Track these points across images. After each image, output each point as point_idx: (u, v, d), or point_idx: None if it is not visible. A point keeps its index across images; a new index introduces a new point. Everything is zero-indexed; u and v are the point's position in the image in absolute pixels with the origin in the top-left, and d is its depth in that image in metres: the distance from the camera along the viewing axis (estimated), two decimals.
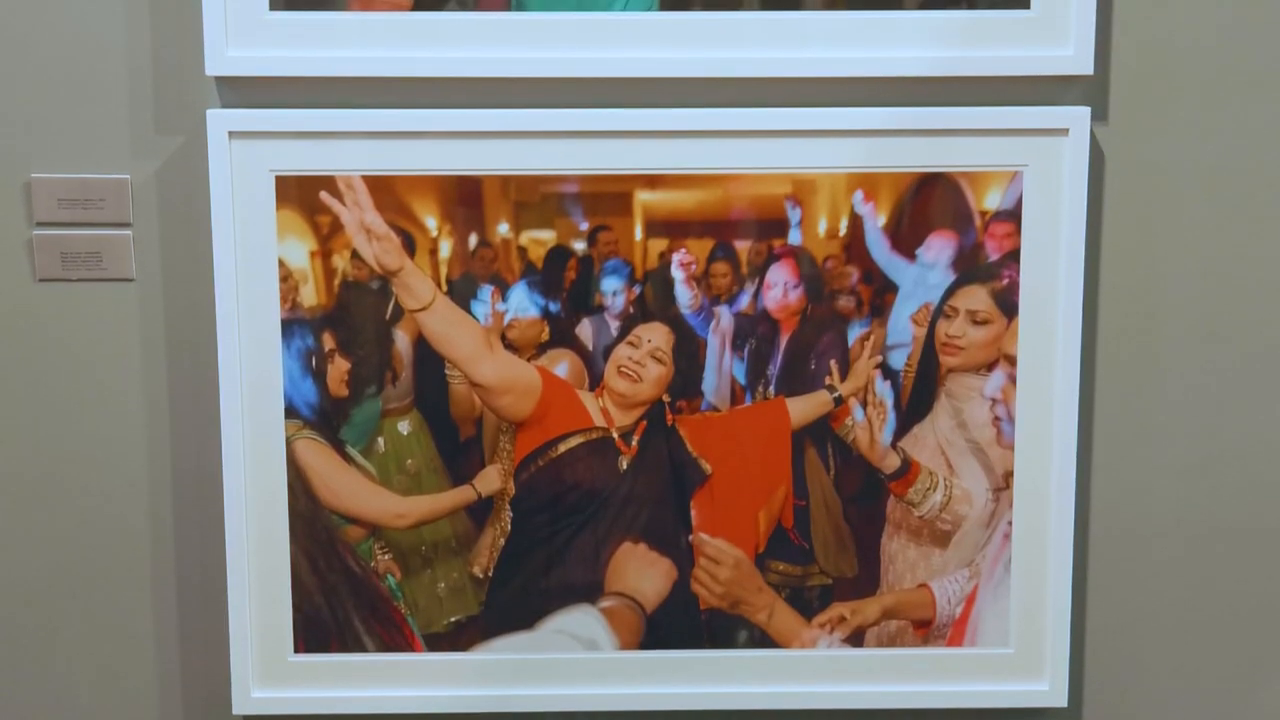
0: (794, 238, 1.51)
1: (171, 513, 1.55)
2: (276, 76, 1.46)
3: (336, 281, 1.50)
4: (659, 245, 1.51)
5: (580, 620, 1.53)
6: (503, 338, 1.51)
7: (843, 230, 1.51)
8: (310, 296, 1.50)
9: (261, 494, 1.51)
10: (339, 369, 1.51)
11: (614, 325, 1.52)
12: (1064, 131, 1.48)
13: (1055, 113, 1.48)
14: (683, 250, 1.51)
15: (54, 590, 1.55)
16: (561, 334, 1.52)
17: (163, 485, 1.54)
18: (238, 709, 1.54)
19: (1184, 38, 1.49)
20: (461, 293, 1.50)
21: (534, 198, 1.50)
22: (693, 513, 1.54)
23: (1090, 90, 1.49)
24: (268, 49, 1.45)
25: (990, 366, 1.52)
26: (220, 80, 1.47)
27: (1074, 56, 1.47)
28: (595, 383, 1.52)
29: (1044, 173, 1.49)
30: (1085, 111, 1.47)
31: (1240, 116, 1.50)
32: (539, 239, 1.51)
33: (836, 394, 1.52)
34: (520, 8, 1.46)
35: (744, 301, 1.52)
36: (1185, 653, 1.60)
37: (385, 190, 1.48)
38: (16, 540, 1.55)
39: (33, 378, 1.52)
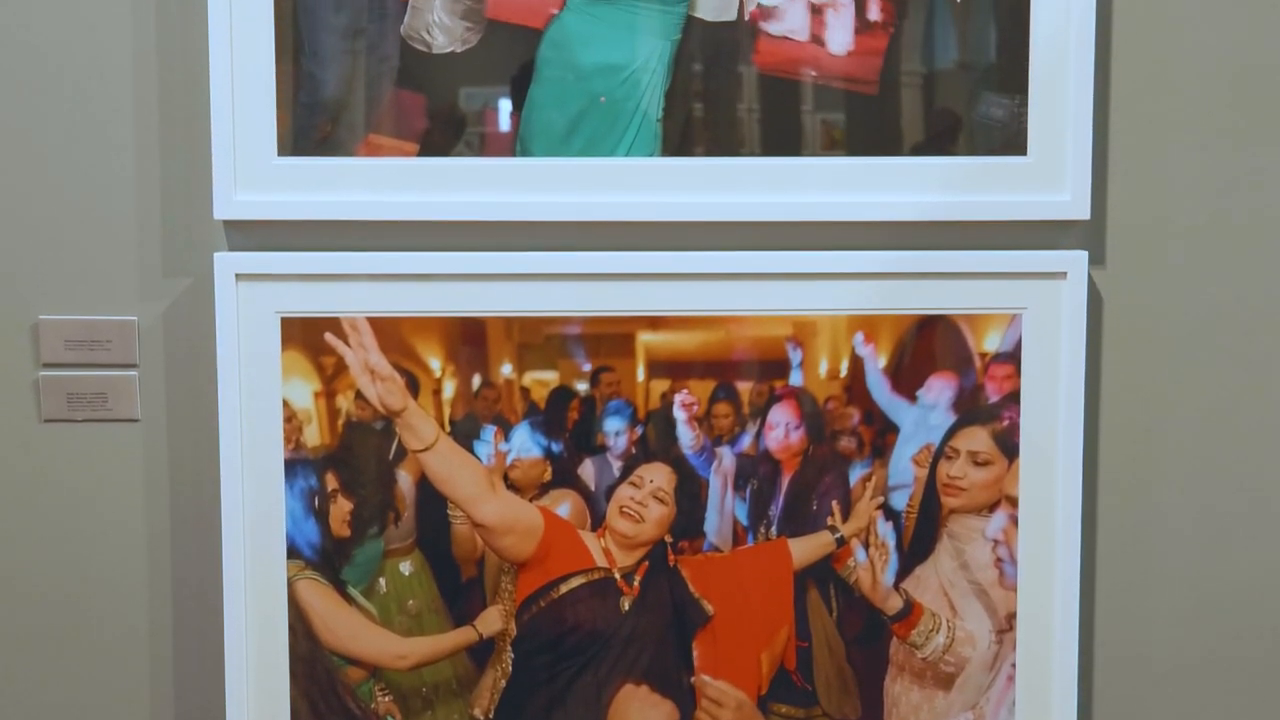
0: (795, 379, 1.52)
1: (172, 653, 1.54)
2: (283, 220, 1.48)
3: (340, 422, 1.51)
4: (661, 386, 1.52)
5: None
6: (505, 478, 1.51)
7: (844, 372, 1.52)
8: (314, 437, 1.51)
9: (262, 635, 1.51)
10: (341, 509, 1.51)
11: (616, 465, 1.52)
12: (1062, 275, 1.49)
13: (1053, 257, 1.49)
14: (685, 391, 1.52)
15: None
16: (564, 474, 1.52)
17: (163, 626, 1.54)
18: None
19: (1180, 182, 1.51)
20: (464, 433, 1.51)
21: (537, 339, 1.51)
22: (695, 654, 1.53)
23: (1087, 234, 1.51)
24: (275, 193, 1.47)
25: (992, 508, 1.52)
26: (228, 223, 1.49)
27: (1071, 202, 1.49)
28: (597, 523, 1.53)
29: (1043, 315, 1.50)
30: (1083, 256, 1.49)
31: (1235, 261, 1.52)
32: (542, 380, 1.52)
33: (838, 535, 1.53)
34: (525, 153, 1.49)
35: (746, 442, 1.52)
36: None
37: (389, 331, 1.49)
38: (18, 678, 1.54)
39: (36, 518, 1.52)
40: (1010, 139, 1.49)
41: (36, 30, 1.46)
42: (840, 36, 1.49)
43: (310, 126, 1.48)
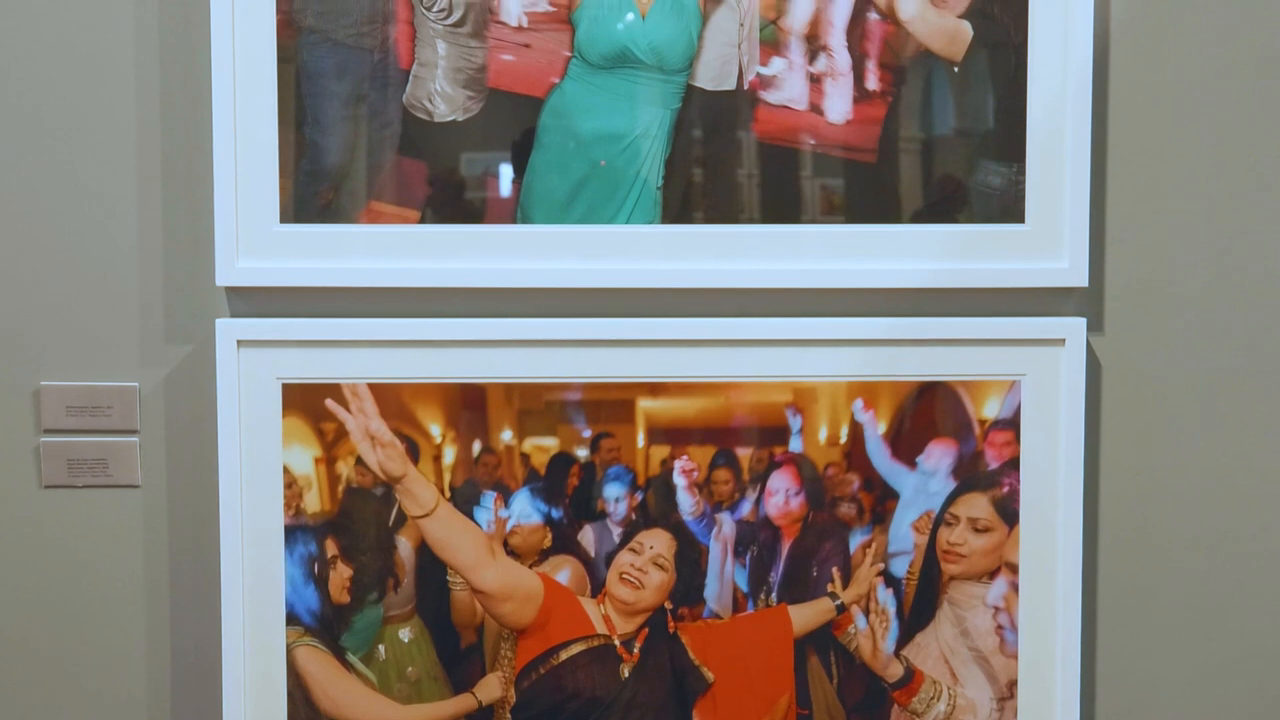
0: (795, 445, 1.52)
1: (171, 719, 1.53)
2: (285, 287, 1.48)
3: (340, 488, 1.51)
4: (661, 452, 1.52)
5: None
6: (505, 544, 1.51)
7: (843, 438, 1.52)
8: (314, 503, 1.51)
9: (261, 702, 1.50)
10: (341, 576, 1.51)
11: (616, 532, 1.52)
12: (1060, 342, 1.50)
13: (1051, 323, 1.50)
14: (684, 457, 1.52)
15: None
16: (564, 540, 1.52)
17: (163, 692, 1.53)
18: None
19: (1177, 249, 1.52)
20: (464, 499, 1.51)
21: (537, 405, 1.52)
22: None
23: (1085, 301, 1.52)
24: (277, 260, 1.48)
25: (992, 574, 1.52)
26: (229, 290, 1.50)
27: (1069, 269, 1.49)
28: (597, 589, 1.52)
29: (1042, 382, 1.51)
30: (1081, 322, 1.50)
31: (1233, 326, 1.53)
32: (542, 446, 1.52)
33: (839, 602, 1.52)
34: (526, 220, 1.49)
35: (746, 508, 1.52)
36: None
37: (390, 397, 1.50)
38: None
39: (36, 584, 1.52)
40: (1008, 206, 1.50)
41: (40, 94, 1.47)
42: (839, 105, 1.50)
43: (312, 194, 1.49)
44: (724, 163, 1.50)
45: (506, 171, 1.50)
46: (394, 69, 1.48)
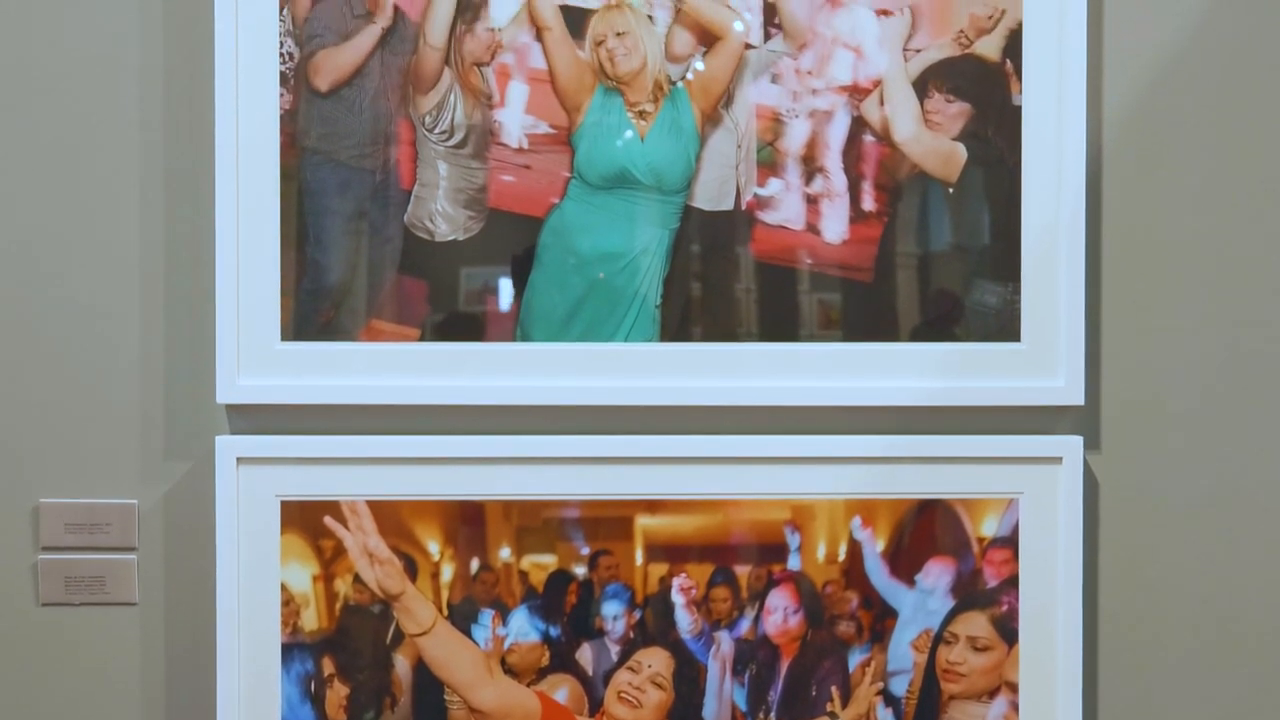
0: (793, 563, 1.52)
1: None
2: (285, 404, 1.49)
3: (338, 605, 1.50)
4: (659, 570, 1.52)
5: None
6: (503, 662, 1.51)
7: (842, 555, 1.52)
8: (311, 621, 1.50)
9: None
10: (338, 694, 1.50)
11: (614, 650, 1.52)
12: (1057, 460, 1.50)
13: (1048, 442, 1.51)
14: (683, 575, 1.52)
15: None
16: (562, 659, 1.51)
17: None
18: None
19: (1173, 367, 1.53)
20: (462, 617, 1.51)
21: (536, 522, 1.52)
22: None
23: (1082, 419, 1.52)
24: (277, 377, 1.49)
25: (992, 694, 1.51)
26: (229, 407, 1.50)
27: (1065, 387, 1.50)
28: (595, 708, 1.51)
29: (1039, 500, 1.51)
30: (1078, 441, 1.50)
31: (1230, 445, 1.53)
32: (540, 563, 1.52)
33: None
34: (525, 338, 1.50)
35: (744, 627, 1.52)
36: None
37: (388, 514, 1.50)
38: None
39: (33, 703, 1.51)
40: (1004, 325, 1.51)
41: (44, 208, 1.49)
42: (835, 226, 1.51)
43: (314, 312, 1.50)
44: (722, 281, 1.52)
45: (506, 289, 1.51)
46: (395, 189, 1.50)
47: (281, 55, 1.48)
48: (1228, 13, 1.52)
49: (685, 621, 1.51)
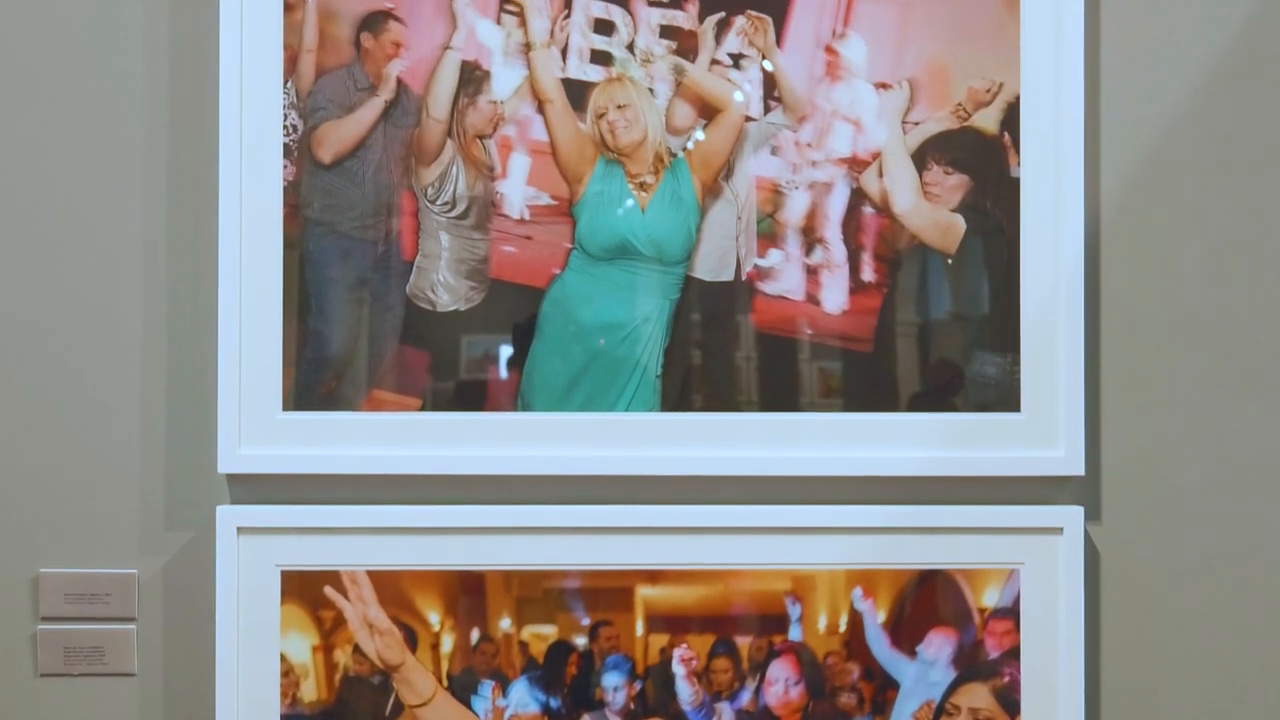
0: (794, 634, 1.52)
1: None
2: (286, 474, 1.49)
3: (338, 676, 1.50)
4: (660, 640, 1.52)
5: None
6: None
7: (843, 626, 1.52)
8: (311, 691, 1.50)
9: None
10: None
11: None
12: (1058, 530, 1.50)
13: (1049, 512, 1.51)
14: (684, 646, 1.51)
15: None
16: None
17: None
18: None
19: (1172, 438, 1.53)
20: (462, 688, 1.50)
21: (536, 593, 1.52)
22: None
23: (1082, 489, 1.52)
24: (279, 447, 1.49)
25: None
26: (230, 476, 1.50)
27: (1065, 458, 1.50)
28: None
29: (1040, 571, 1.51)
30: (1078, 511, 1.50)
31: (1230, 516, 1.53)
32: (540, 634, 1.52)
33: None
34: (526, 407, 1.51)
35: (745, 698, 1.51)
36: None
37: (389, 585, 1.50)
38: None
39: None
40: (1004, 395, 1.52)
41: (45, 283, 1.50)
42: (835, 296, 1.52)
43: (315, 382, 1.50)
44: (722, 350, 1.52)
45: (506, 356, 1.52)
46: (397, 260, 1.51)
47: (285, 128, 1.49)
48: (1223, 85, 1.53)
49: (686, 693, 1.51)
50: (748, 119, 1.52)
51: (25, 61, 1.49)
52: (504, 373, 1.51)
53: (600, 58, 1.51)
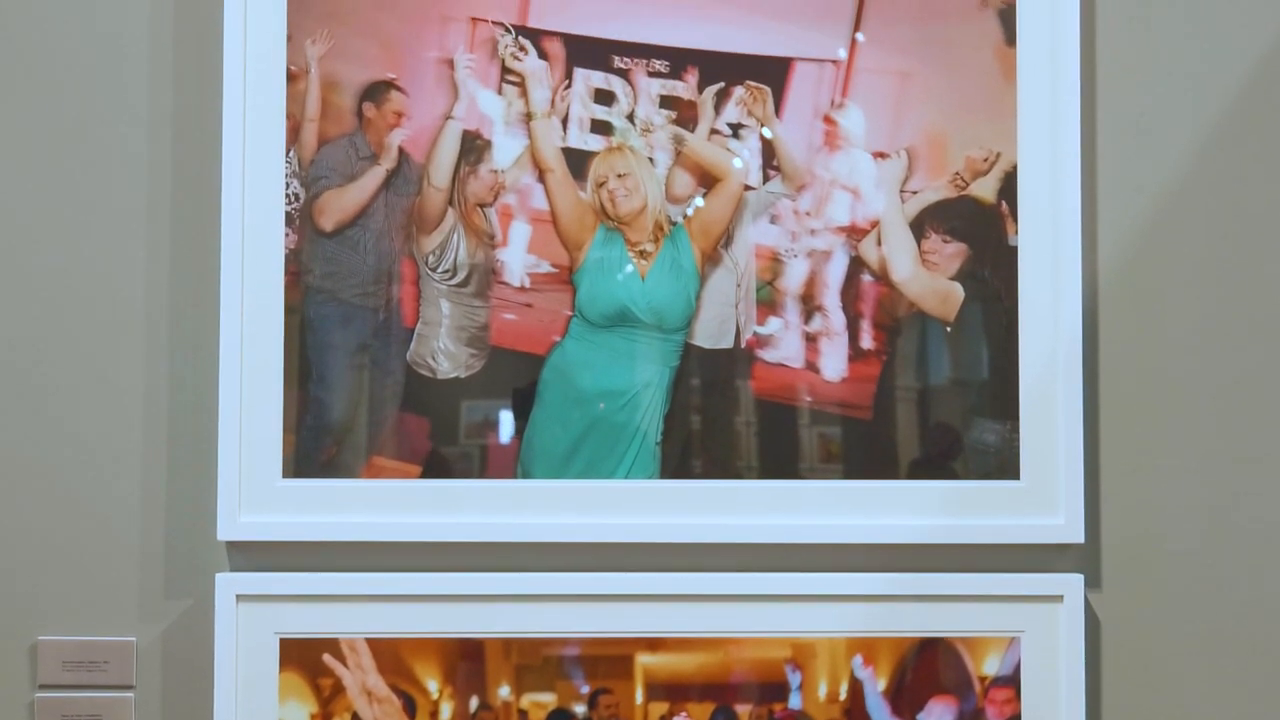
0: (795, 701, 1.51)
1: None
2: (286, 541, 1.49)
3: None
4: (660, 708, 1.51)
5: None
6: None
7: (843, 694, 1.51)
8: None
9: None
10: None
11: None
12: (1058, 598, 1.50)
13: (1048, 580, 1.51)
14: (684, 714, 1.51)
15: None
16: None
17: None
18: None
19: (1173, 505, 1.53)
20: None
21: (535, 660, 1.51)
22: None
23: (1082, 557, 1.52)
24: (278, 514, 1.49)
25: None
26: (230, 544, 1.50)
27: (1064, 525, 1.50)
28: None
29: (1041, 638, 1.50)
30: (1079, 579, 1.50)
31: (1231, 583, 1.53)
32: (540, 702, 1.51)
33: None
34: (526, 474, 1.51)
35: None
36: None
37: (388, 652, 1.49)
38: None
39: None
40: (1004, 463, 1.52)
41: (45, 349, 1.50)
42: (834, 364, 1.53)
43: (315, 449, 1.51)
44: (722, 417, 1.53)
45: (508, 426, 1.52)
46: (398, 327, 1.51)
47: (287, 196, 1.50)
48: (1220, 151, 1.54)
49: None
50: (747, 187, 1.53)
51: (28, 130, 1.50)
52: (504, 439, 1.52)
53: (601, 127, 1.52)
